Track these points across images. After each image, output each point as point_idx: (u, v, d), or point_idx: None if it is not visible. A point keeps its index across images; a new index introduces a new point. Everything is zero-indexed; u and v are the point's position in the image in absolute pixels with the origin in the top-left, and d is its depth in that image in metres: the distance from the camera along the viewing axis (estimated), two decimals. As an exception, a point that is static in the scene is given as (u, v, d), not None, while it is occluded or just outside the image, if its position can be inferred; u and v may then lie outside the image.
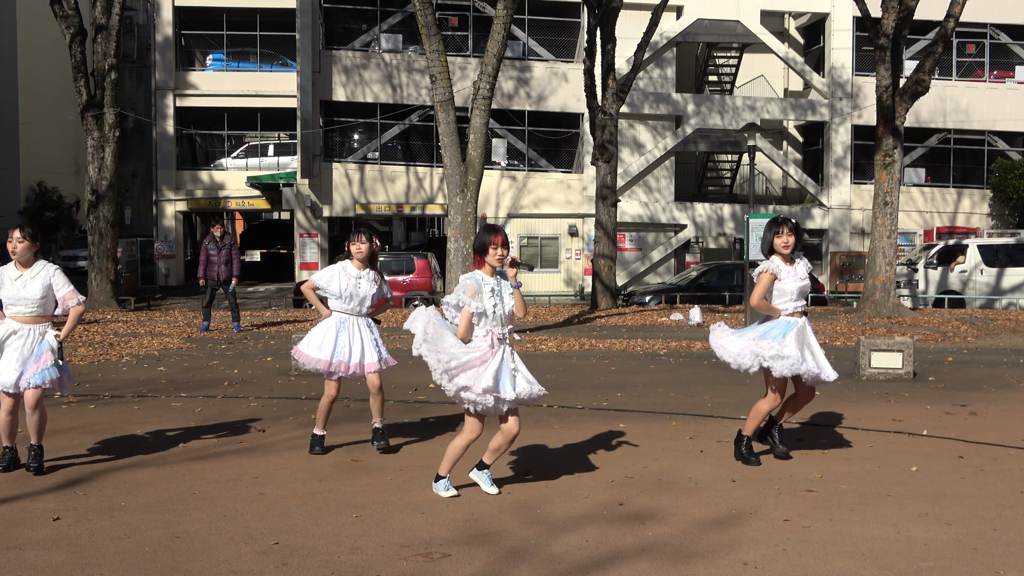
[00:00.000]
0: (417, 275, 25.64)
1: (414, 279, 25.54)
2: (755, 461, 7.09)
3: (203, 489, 6.41)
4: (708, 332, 7.36)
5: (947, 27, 20.10)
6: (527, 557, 5.06)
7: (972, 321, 19.52)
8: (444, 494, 6.16)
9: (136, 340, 15.72)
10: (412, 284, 25.38)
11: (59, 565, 4.93)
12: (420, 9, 16.12)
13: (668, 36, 32.64)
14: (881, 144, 20.23)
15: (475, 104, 16.33)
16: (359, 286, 7.47)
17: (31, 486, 6.48)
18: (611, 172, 23.14)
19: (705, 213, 33.72)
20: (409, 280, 25.46)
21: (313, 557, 5.06)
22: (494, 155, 32.87)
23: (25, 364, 6.63)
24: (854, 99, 33.61)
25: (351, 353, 7.40)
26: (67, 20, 22.41)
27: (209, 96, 33.62)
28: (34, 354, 6.68)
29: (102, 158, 22.87)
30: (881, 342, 11.59)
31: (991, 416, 9.05)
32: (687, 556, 5.07)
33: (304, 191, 31.87)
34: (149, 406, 9.68)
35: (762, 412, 7.07)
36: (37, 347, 6.72)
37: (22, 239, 6.71)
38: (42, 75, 38.97)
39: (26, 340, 6.70)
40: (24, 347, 6.68)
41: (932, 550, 5.16)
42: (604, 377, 11.69)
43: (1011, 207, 33.53)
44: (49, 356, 6.69)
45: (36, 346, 6.72)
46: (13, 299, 6.71)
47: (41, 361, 6.66)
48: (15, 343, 6.68)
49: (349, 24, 33.16)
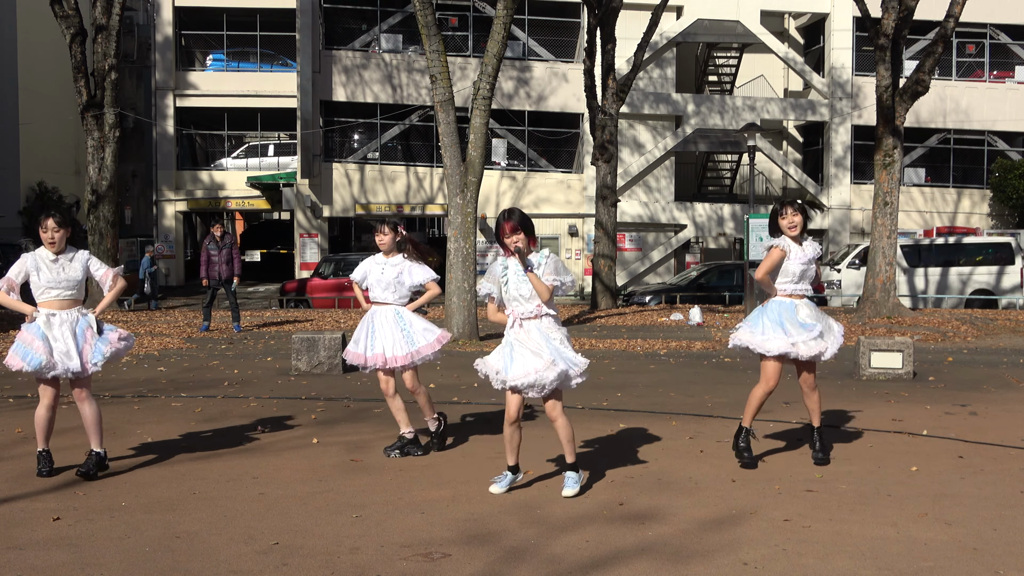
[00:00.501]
0: None
1: None
2: (747, 457, 6.93)
3: (203, 489, 6.41)
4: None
5: (947, 27, 20.10)
6: (527, 557, 5.06)
7: (972, 321, 19.53)
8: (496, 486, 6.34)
9: (136, 340, 15.72)
10: None
11: (59, 565, 4.93)
12: (420, 9, 16.11)
13: (668, 36, 32.65)
14: (881, 144, 20.23)
15: (475, 104, 16.33)
16: (384, 273, 7.48)
17: (31, 486, 6.48)
18: (611, 172, 23.14)
19: (705, 213, 33.73)
20: None
21: (313, 557, 5.06)
22: (494, 155, 32.88)
23: (79, 347, 6.59)
24: (854, 99, 33.61)
25: (383, 345, 7.40)
26: (67, 20, 22.41)
27: (209, 96, 33.63)
28: (80, 336, 6.63)
29: (102, 158, 22.87)
30: (881, 342, 11.59)
31: (991, 416, 9.05)
32: (687, 556, 5.07)
33: (304, 191, 31.87)
34: (149, 406, 9.69)
35: (755, 398, 6.92)
36: (78, 329, 6.66)
37: (57, 228, 6.68)
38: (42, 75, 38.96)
39: (69, 324, 6.64)
40: (69, 331, 6.60)
41: (932, 550, 5.16)
42: (604, 377, 11.69)
43: (1011, 207, 33.54)
44: (93, 333, 6.66)
45: (78, 328, 6.66)
46: (54, 282, 6.61)
47: (89, 341, 6.63)
48: (62, 329, 6.60)
49: (349, 24, 33.17)
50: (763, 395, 6.93)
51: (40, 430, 6.71)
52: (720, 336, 16.60)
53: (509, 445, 6.27)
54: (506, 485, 6.27)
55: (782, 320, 6.84)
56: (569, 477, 6.22)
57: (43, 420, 6.69)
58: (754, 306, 17.11)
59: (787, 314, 6.86)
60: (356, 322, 19.75)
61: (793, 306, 6.89)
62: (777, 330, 6.81)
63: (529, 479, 6.62)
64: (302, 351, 12.10)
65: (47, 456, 6.78)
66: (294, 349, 12.15)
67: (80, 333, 6.65)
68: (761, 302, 7.14)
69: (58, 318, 6.62)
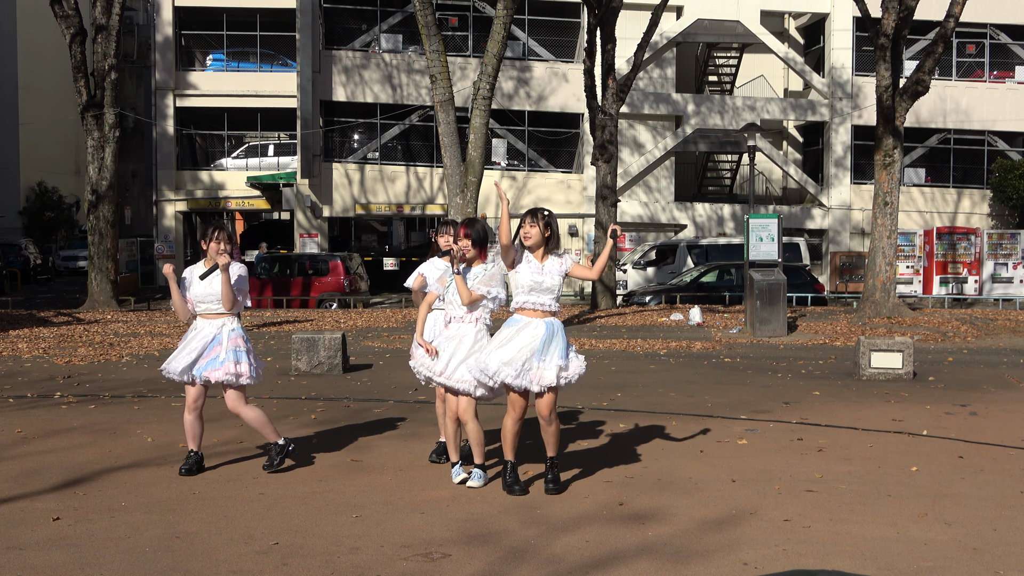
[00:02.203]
0: (330, 276, 25.99)
1: (327, 280, 25.96)
2: (519, 490, 6.25)
3: (203, 489, 6.41)
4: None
5: (947, 27, 20.11)
6: (527, 557, 5.05)
7: (972, 321, 19.53)
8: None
9: (136, 340, 15.72)
10: (325, 285, 25.84)
11: (59, 565, 4.93)
12: (420, 9, 16.12)
13: (668, 36, 32.64)
14: (881, 144, 20.23)
15: (475, 104, 16.33)
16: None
17: (31, 486, 6.48)
18: (611, 172, 23.14)
19: (705, 213, 33.72)
20: (322, 281, 25.97)
21: (313, 557, 5.06)
22: (494, 155, 32.88)
23: (216, 356, 6.70)
24: (854, 99, 33.61)
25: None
26: (67, 20, 22.42)
27: (209, 96, 33.62)
28: (209, 345, 6.74)
29: (102, 158, 22.87)
30: (881, 342, 11.59)
31: (991, 416, 9.05)
32: (687, 556, 5.07)
33: (304, 191, 31.87)
34: (149, 406, 9.68)
35: (505, 428, 6.33)
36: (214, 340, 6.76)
37: (224, 242, 6.75)
38: (42, 75, 38.97)
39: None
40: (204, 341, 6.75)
41: (932, 550, 5.16)
42: (604, 377, 11.69)
43: (1011, 207, 33.54)
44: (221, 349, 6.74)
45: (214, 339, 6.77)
46: (201, 296, 6.77)
47: (225, 353, 6.71)
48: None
49: (349, 24, 33.17)
50: (510, 424, 6.35)
51: (188, 436, 6.87)
52: (720, 336, 16.61)
53: (451, 440, 6.62)
54: (458, 474, 6.56)
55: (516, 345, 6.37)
56: (475, 474, 6.47)
57: (190, 425, 6.84)
58: (754, 306, 17.11)
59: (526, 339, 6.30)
60: (355, 323, 19.73)
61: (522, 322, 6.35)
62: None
63: (529, 479, 6.62)
64: (302, 351, 12.11)
65: (196, 455, 6.88)
66: (294, 349, 12.15)
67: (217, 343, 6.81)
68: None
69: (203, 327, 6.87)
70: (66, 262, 39.40)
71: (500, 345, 6.21)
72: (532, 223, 6.30)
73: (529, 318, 6.26)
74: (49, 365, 12.85)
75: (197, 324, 6.83)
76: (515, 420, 6.26)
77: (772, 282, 16.91)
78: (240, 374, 6.69)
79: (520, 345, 6.16)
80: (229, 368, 6.64)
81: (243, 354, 6.73)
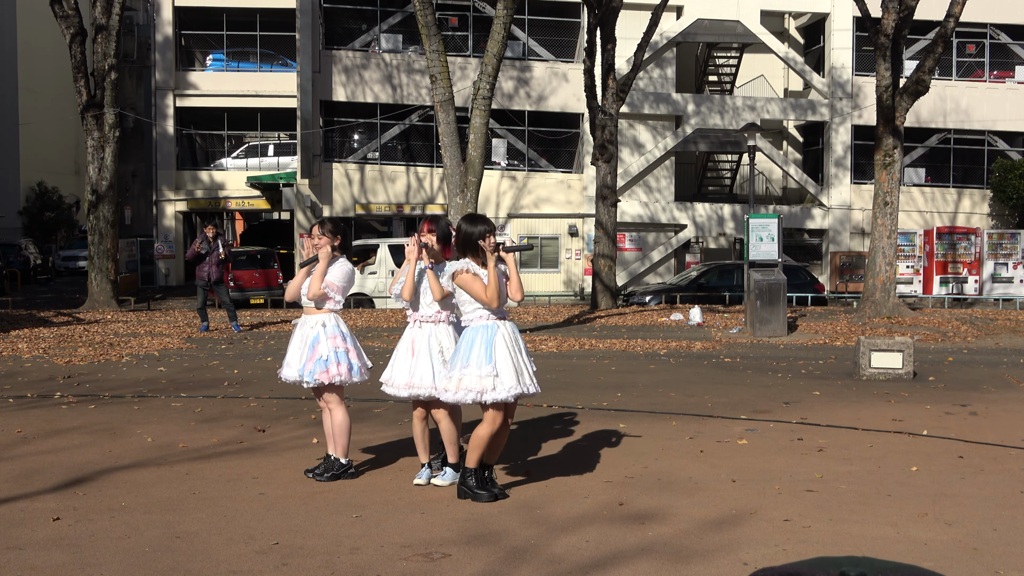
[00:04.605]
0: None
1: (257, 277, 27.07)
2: (485, 496, 6.07)
3: (203, 489, 6.41)
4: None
5: (947, 27, 20.10)
6: (527, 557, 5.05)
7: (972, 321, 19.53)
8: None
9: (136, 340, 15.72)
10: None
11: (59, 565, 4.93)
12: (420, 9, 16.11)
13: (668, 36, 32.63)
14: (881, 144, 20.23)
15: (475, 104, 16.32)
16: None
17: (31, 486, 6.48)
18: (611, 172, 23.13)
19: (705, 213, 33.71)
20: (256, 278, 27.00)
21: (313, 557, 5.05)
22: (494, 155, 32.87)
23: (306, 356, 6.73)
24: (854, 99, 33.60)
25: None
26: (67, 20, 22.41)
27: (209, 96, 33.62)
28: (308, 346, 6.75)
29: (102, 158, 22.86)
30: (881, 342, 11.59)
31: (991, 416, 9.05)
32: (687, 556, 5.06)
33: (304, 191, 31.87)
34: (149, 406, 9.68)
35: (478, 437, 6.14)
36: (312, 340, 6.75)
37: (322, 235, 6.73)
38: (42, 75, 38.97)
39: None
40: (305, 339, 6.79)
41: (932, 550, 5.16)
42: (604, 377, 11.68)
43: (1011, 207, 33.53)
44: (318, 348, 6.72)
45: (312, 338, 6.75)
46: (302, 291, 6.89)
47: (315, 353, 6.70)
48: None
49: (349, 24, 33.16)
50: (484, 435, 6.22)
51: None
52: (720, 336, 16.60)
53: (419, 441, 6.62)
54: (425, 479, 6.54)
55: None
56: (447, 472, 6.49)
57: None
58: (754, 306, 17.11)
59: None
60: (355, 323, 19.73)
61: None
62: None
63: (529, 479, 6.62)
64: (302, 351, 12.07)
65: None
66: (294, 349, 12.12)
67: (311, 343, 6.82)
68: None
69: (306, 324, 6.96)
70: (66, 262, 39.40)
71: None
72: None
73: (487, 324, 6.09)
74: (49, 365, 12.85)
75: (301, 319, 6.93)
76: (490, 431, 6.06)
77: (772, 282, 16.91)
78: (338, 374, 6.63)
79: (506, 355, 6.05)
80: (332, 369, 6.59)
81: (342, 354, 6.66)
